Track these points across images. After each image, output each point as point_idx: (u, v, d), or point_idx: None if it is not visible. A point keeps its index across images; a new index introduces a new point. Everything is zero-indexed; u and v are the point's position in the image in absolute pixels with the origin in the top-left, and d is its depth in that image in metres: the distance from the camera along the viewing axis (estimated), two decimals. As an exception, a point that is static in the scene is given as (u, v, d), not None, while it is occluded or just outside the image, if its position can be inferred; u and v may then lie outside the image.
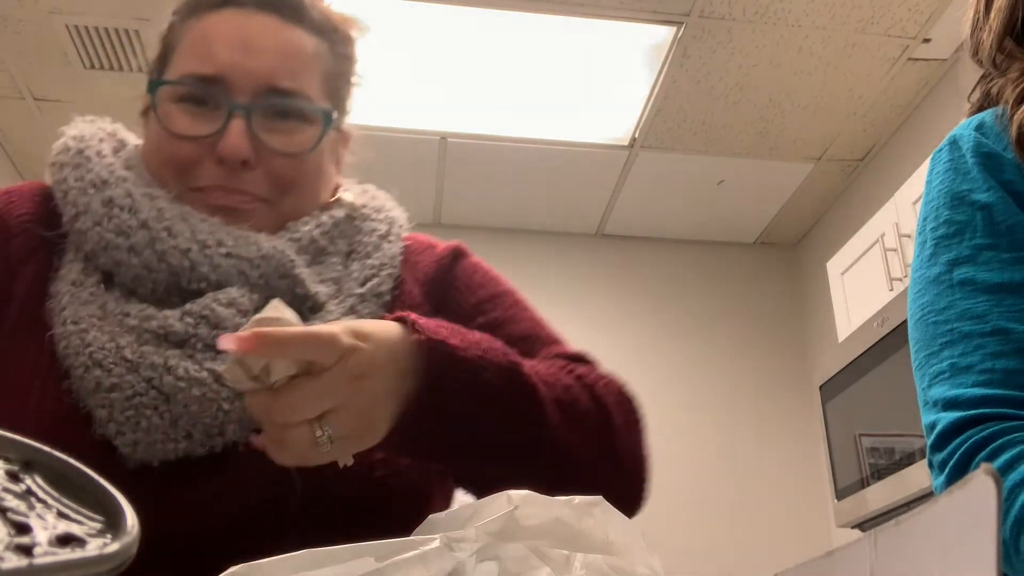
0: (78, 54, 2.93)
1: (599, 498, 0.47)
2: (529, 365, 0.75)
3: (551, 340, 0.89)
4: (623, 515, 0.47)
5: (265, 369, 0.59)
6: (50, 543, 0.31)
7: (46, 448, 0.37)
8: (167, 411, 0.71)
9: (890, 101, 3.16)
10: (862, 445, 2.69)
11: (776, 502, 3.66)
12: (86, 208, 0.79)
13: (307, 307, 0.81)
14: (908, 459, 2.41)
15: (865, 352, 2.64)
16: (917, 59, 2.95)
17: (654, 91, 3.10)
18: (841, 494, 2.76)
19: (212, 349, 0.74)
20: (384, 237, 0.91)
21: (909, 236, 2.59)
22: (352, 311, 0.83)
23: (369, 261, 0.88)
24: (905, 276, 2.57)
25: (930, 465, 0.83)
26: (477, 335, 0.72)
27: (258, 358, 0.59)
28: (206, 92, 0.83)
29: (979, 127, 0.90)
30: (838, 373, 2.80)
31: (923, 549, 0.20)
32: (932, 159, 0.94)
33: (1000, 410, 0.77)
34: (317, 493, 0.72)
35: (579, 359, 0.85)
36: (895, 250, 2.65)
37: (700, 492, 3.57)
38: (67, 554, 0.31)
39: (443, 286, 0.92)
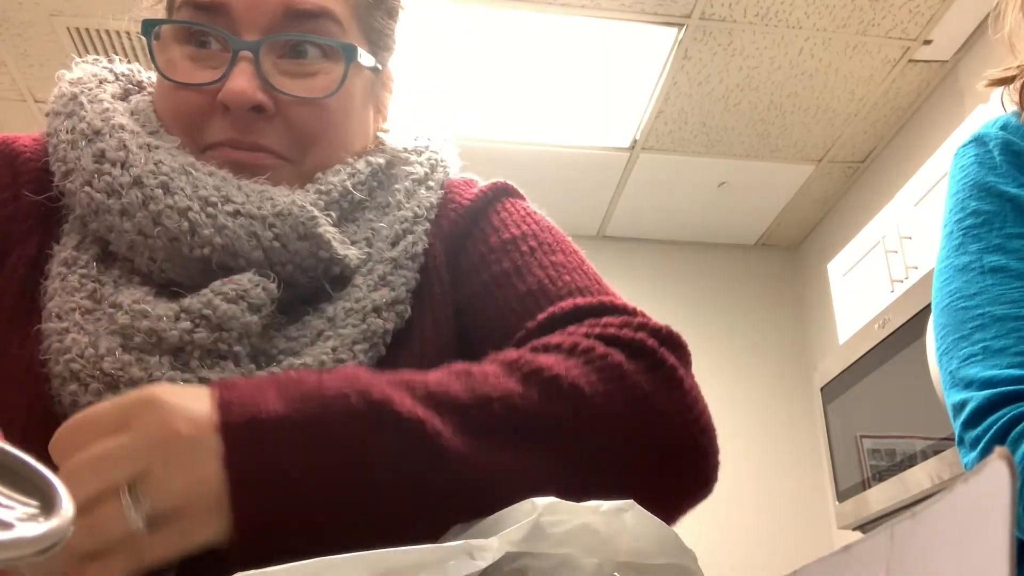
0: (79, 56, 2.93)
1: (630, 502, 0.44)
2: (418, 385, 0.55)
3: (567, 292, 0.68)
4: (657, 519, 0.44)
5: None
6: None
7: None
8: None
9: (891, 103, 3.16)
10: (863, 447, 2.68)
11: (777, 504, 3.65)
12: (75, 164, 0.68)
13: (334, 275, 0.69)
14: (909, 461, 2.40)
15: (866, 354, 2.64)
16: (918, 61, 2.95)
17: (655, 93, 3.10)
18: (842, 496, 2.76)
19: (212, 355, 0.63)
20: (421, 182, 0.78)
21: (910, 238, 2.59)
22: (383, 283, 0.70)
23: (400, 212, 0.74)
24: (906, 278, 2.57)
25: (960, 442, 0.82)
26: (336, 378, 0.53)
27: None
28: (208, 29, 0.70)
29: (1004, 127, 0.92)
30: (839, 375, 2.80)
31: (939, 538, 0.20)
32: (956, 155, 0.94)
33: None
34: None
35: (589, 313, 0.66)
36: (896, 252, 2.65)
37: (701, 494, 3.56)
38: None
39: (462, 237, 0.76)
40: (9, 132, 0.79)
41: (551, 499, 0.43)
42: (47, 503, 0.34)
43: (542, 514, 0.42)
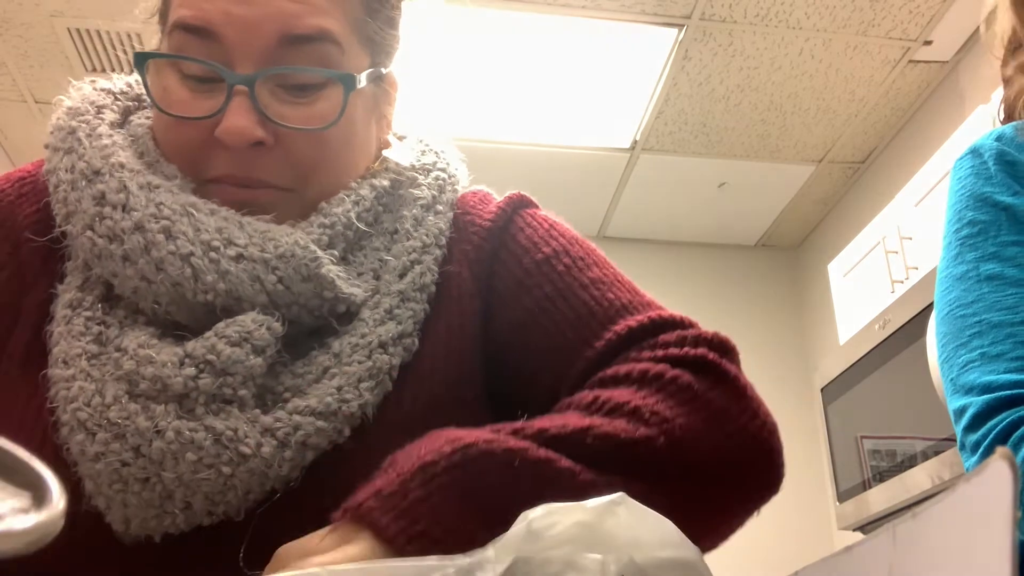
0: (79, 57, 2.93)
1: (621, 495, 0.43)
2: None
3: (615, 312, 0.69)
4: (650, 510, 0.43)
5: None
6: None
7: None
8: (158, 482, 0.60)
9: (891, 103, 3.16)
10: (863, 447, 2.68)
11: (777, 504, 3.64)
12: (76, 206, 0.67)
13: (339, 313, 0.68)
14: (910, 461, 2.40)
15: (867, 354, 2.64)
16: (918, 61, 2.95)
17: (655, 94, 3.10)
18: (843, 496, 2.76)
19: (217, 400, 0.62)
20: (429, 207, 0.76)
21: (911, 238, 2.59)
22: (390, 316, 0.69)
23: (409, 243, 0.73)
24: (907, 278, 2.57)
25: (962, 447, 0.84)
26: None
27: None
28: (201, 63, 0.67)
29: (999, 138, 0.94)
30: (839, 375, 2.80)
31: (941, 538, 0.20)
32: (954, 167, 0.97)
33: None
34: None
35: (644, 333, 0.67)
36: (896, 252, 2.64)
37: (701, 495, 3.56)
38: None
39: (490, 260, 0.75)
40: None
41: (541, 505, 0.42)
42: (38, 497, 0.34)
43: (534, 519, 0.41)
